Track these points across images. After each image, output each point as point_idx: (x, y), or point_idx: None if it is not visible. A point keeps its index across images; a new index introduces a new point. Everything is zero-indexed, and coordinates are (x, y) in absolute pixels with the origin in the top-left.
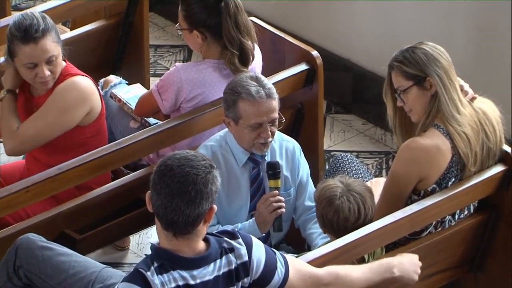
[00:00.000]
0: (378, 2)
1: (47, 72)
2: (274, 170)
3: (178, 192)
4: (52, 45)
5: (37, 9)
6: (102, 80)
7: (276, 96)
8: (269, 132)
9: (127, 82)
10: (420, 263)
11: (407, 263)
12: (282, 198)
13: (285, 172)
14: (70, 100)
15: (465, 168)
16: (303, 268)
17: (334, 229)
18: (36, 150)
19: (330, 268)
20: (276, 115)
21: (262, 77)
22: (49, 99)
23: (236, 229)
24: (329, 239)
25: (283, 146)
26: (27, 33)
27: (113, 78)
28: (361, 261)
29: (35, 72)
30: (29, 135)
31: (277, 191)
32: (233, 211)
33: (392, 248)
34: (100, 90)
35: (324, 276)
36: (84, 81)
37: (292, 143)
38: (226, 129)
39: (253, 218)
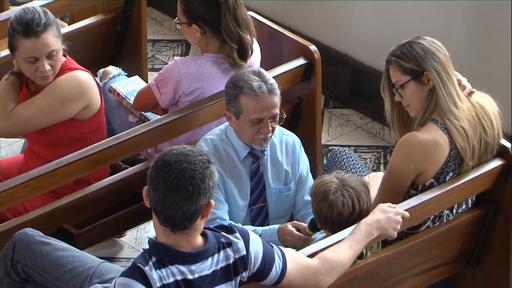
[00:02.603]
0: None
1: (48, 67)
2: (313, 227)
3: (176, 187)
4: (53, 40)
5: (35, 4)
6: (101, 71)
7: (278, 92)
8: (270, 128)
9: (126, 73)
10: (399, 214)
11: (384, 220)
12: (302, 241)
13: (285, 166)
14: (67, 92)
15: (463, 163)
16: (300, 261)
17: (329, 224)
18: (35, 145)
19: (321, 255)
20: (277, 110)
21: (265, 72)
22: (48, 87)
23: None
24: None
25: (283, 141)
26: (29, 27)
27: (112, 69)
28: (360, 256)
29: (36, 67)
30: (22, 118)
31: (309, 238)
32: (234, 205)
33: (391, 242)
34: (99, 81)
35: (320, 266)
36: (84, 76)
37: (292, 138)
38: (227, 123)
39: (276, 227)
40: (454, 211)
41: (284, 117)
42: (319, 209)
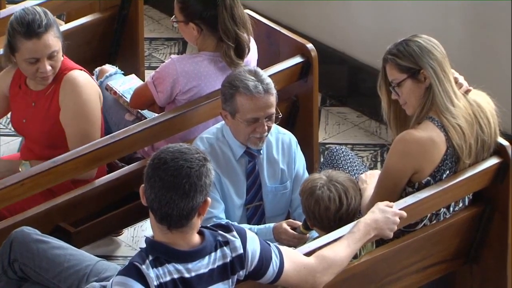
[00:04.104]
0: None
1: (49, 67)
2: (308, 225)
3: (172, 185)
4: (54, 40)
5: (32, 3)
6: (97, 70)
7: (274, 91)
8: (265, 127)
9: (122, 72)
10: (397, 215)
11: (382, 221)
12: (297, 240)
13: (281, 165)
14: (89, 99)
15: (459, 161)
16: (297, 259)
17: (317, 220)
18: (34, 145)
19: (318, 254)
20: (273, 110)
21: (261, 72)
22: (71, 111)
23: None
24: None
25: (279, 139)
26: (30, 28)
27: (108, 68)
28: (354, 255)
29: (36, 67)
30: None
31: (304, 237)
32: (230, 203)
33: (387, 240)
34: (95, 80)
35: (317, 264)
36: (83, 75)
37: (288, 136)
38: (223, 122)
39: (271, 225)
40: (451, 209)
41: (280, 116)
42: (307, 205)
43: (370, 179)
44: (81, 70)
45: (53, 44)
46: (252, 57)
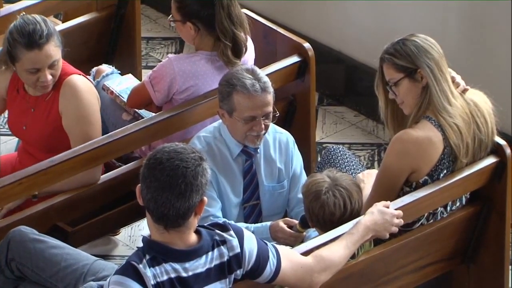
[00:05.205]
0: None
1: (49, 77)
2: (304, 224)
3: (168, 185)
4: (55, 50)
5: (29, 2)
6: (94, 70)
7: (271, 90)
8: (263, 126)
9: (119, 71)
10: (393, 213)
11: (381, 223)
12: (294, 238)
13: (278, 164)
14: (89, 103)
15: (456, 160)
16: (294, 259)
17: (320, 223)
18: (32, 147)
19: (316, 253)
20: (270, 109)
21: (258, 70)
22: (71, 116)
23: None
24: None
25: (277, 139)
26: (31, 39)
27: (105, 68)
28: (352, 255)
29: (37, 77)
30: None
31: (300, 235)
32: (227, 202)
33: (385, 239)
34: (92, 80)
35: (314, 264)
36: (81, 80)
37: (285, 135)
38: (221, 120)
39: (268, 224)
40: (448, 208)
41: (277, 115)
42: (311, 209)
43: (368, 179)
44: (80, 74)
45: (54, 54)
46: (249, 56)
